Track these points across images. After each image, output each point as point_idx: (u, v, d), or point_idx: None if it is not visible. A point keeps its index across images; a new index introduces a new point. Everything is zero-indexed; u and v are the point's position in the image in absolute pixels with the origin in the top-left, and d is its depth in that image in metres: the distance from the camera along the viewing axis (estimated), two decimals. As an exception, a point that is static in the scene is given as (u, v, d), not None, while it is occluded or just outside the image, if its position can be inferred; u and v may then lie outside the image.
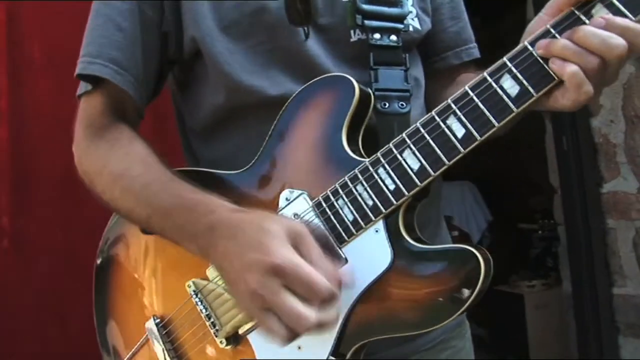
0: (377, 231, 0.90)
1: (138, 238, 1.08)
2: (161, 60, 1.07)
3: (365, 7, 1.00)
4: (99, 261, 1.13)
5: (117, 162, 0.99)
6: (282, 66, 0.99)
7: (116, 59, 1.01)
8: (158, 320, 1.03)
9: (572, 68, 0.77)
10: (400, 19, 1.03)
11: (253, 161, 0.98)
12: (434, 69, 1.19)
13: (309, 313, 0.74)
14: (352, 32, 1.02)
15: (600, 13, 0.79)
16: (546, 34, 0.82)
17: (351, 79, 0.93)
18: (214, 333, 0.96)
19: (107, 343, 1.12)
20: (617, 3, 0.79)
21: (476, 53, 1.21)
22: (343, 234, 0.91)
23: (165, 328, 1.02)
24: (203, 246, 0.87)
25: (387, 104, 0.98)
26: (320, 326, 0.76)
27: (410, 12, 1.08)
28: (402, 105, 0.99)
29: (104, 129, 1.03)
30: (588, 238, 2.78)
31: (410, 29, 1.07)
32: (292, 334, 0.76)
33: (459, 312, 0.85)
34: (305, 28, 0.99)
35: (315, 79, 0.95)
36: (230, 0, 0.99)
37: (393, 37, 1.02)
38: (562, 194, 3.01)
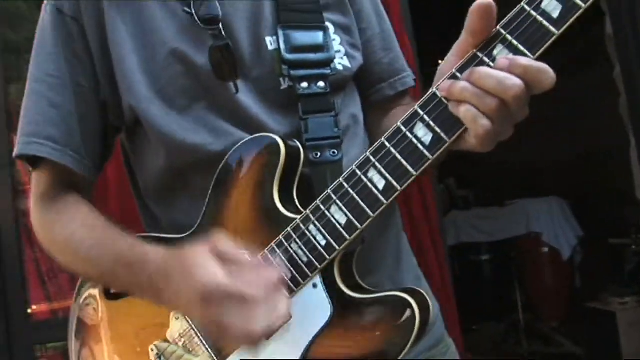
0: (315, 285, 0.93)
1: (103, 306, 1.12)
2: (103, 128, 1.09)
3: (290, 56, 1.01)
4: (70, 332, 1.16)
5: (63, 229, 1.04)
6: (220, 120, 1.01)
7: (53, 136, 1.03)
8: None
9: (464, 106, 0.78)
10: (327, 63, 1.04)
11: (196, 225, 1.01)
12: (370, 101, 1.18)
13: (253, 326, 0.81)
14: (281, 80, 1.03)
15: (502, 53, 0.78)
16: (453, 77, 0.81)
17: (277, 138, 0.95)
18: None
19: None
20: (515, 43, 0.78)
21: (410, 82, 1.19)
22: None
23: None
24: (154, 297, 0.94)
25: (319, 154, 0.99)
26: (271, 326, 0.83)
27: (338, 51, 1.08)
28: (333, 153, 1.00)
29: (52, 200, 1.07)
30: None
31: (340, 68, 1.07)
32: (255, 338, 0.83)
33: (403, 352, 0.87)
34: (234, 82, 1.01)
35: (242, 141, 0.98)
36: (160, 63, 1.01)
37: (321, 84, 1.02)
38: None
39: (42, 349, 3.06)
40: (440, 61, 0.87)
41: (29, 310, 2.96)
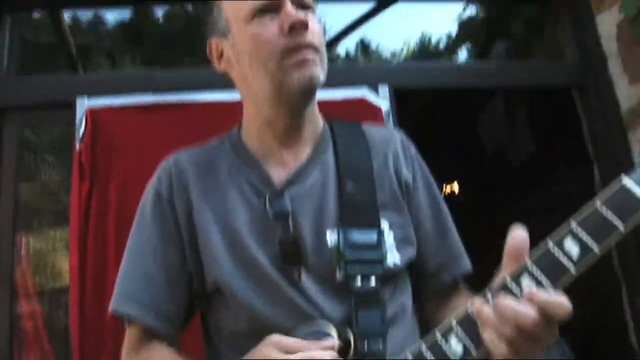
0: None
1: None
2: (188, 294, 1.24)
3: (347, 254, 1.15)
4: None
5: None
6: (288, 298, 1.14)
7: (140, 299, 1.20)
8: None
9: (487, 331, 0.89)
10: (379, 262, 1.17)
11: None
12: (428, 290, 1.30)
13: None
14: (337, 272, 1.16)
15: (527, 283, 0.90)
16: (485, 298, 0.92)
17: (333, 334, 1.07)
18: None
19: None
20: (539, 276, 0.90)
21: (465, 266, 1.32)
22: None
23: None
24: None
25: (366, 343, 1.10)
26: None
27: (391, 246, 1.20)
28: (378, 343, 1.11)
29: (140, 350, 1.22)
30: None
31: (391, 265, 1.19)
32: None
33: None
34: (298, 269, 1.15)
35: (303, 328, 1.10)
36: (239, 245, 1.17)
37: (372, 281, 1.14)
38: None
39: None
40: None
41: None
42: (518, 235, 0.91)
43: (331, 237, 1.18)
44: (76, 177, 2.37)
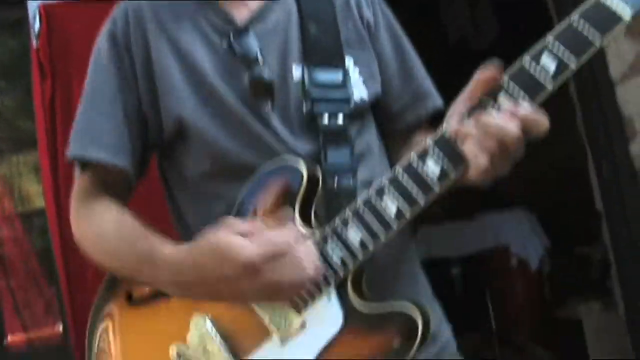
0: (329, 299, 1.04)
1: (122, 311, 1.21)
2: (143, 142, 1.20)
3: (312, 91, 1.14)
4: (88, 340, 1.23)
5: (95, 226, 1.15)
6: (255, 136, 1.13)
7: (107, 142, 1.16)
8: None
9: (469, 144, 0.90)
10: (346, 100, 1.16)
11: None
12: (393, 129, 1.29)
13: (303, 268, 0.96)
14: (304, 109, 1.15)
15: (503, 99, 0.91)
16: (462, 118, 0.93)
17: (301, 168, 1.07)
18: None
19: None
20: (515, 93, 0.91)
21: (433, 104, 1.28)
22: (300, 303, 1.04)
23: None
24: (183, 291, 1.05)
25: (335, 179, 1.11)
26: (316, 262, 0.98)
27: (356, 81, 1.19)
28: (349, 179, 1.12)
29: (90, 201, 1.18)
30: (637, 260, 2.76)
31: (357, 100, 1.18)
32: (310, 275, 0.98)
33: None
34: (266, 106, 1.14)
35: (272, 163, 1.09)
36: (203, 82, 1.14)
37: (339, 119, 1.14)
38: (607, 219, 3.00)
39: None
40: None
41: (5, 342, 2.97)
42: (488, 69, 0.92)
43: (296, 72, 1.16)
44: (36, 76, 2.30)
